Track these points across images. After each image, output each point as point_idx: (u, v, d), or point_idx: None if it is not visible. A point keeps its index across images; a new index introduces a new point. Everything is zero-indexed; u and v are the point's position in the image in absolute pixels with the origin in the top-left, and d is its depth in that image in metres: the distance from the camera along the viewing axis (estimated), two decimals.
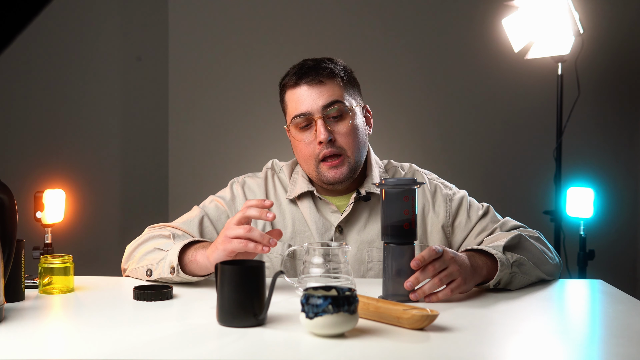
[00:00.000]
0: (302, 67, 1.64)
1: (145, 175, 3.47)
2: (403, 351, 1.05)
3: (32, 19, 0.78)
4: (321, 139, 1.59)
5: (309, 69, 1.62)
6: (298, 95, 1.62)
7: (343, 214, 1.66)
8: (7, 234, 1.24)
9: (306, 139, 1.62)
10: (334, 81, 1.62)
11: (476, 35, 3.29)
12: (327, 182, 1.63)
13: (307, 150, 1.62)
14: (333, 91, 1.61)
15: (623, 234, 3.33)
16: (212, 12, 3.40)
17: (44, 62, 3.40)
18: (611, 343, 1.13)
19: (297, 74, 1.63)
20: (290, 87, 1.64)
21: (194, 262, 1.44)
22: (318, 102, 1.60)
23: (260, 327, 1.16)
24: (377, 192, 1.65)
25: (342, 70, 1.65)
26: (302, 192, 1.67)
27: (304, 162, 1.65)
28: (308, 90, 1.61)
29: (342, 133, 1.61)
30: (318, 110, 1.60)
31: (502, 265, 1.39)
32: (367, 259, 1.65)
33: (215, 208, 1.70)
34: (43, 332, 1.17)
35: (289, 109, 1.65)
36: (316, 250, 1.37)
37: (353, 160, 1.62)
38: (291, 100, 1.64)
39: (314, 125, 1.61)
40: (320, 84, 1.61)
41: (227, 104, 3.39)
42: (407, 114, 3.33)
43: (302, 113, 1.61)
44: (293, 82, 1.63)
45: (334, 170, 1.61)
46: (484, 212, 1.68)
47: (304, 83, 1.61)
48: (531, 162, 3.33)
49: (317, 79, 1.61)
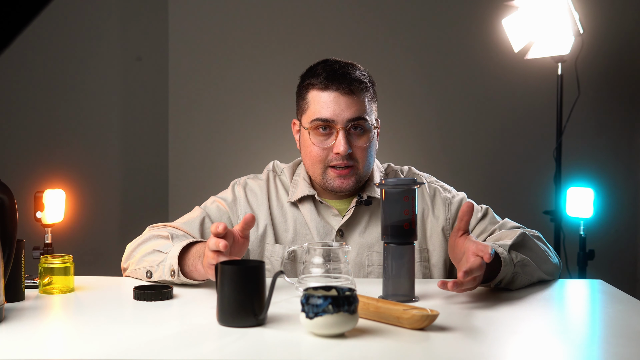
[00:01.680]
0: (334, 70, 1.60)
1: (145, 175, 3.46)
2: (403, 351, 1.05)
3: (32, 19, 0.78)
4: (340, 150, 1.57)
5: (342, 76, 1.59)
6: (325, 99, 1.59)
7: (344, 217, 1.65)
8: (7, 234, 1.24)
9: (322, 144, 1.61)
10: (363, 95, 1.60)
11: (476, 35, 3.29)
12: (332, 188, 1.63)
13: (319, 154, 1.61)
14: (360, 105, 1.59)
15: (623, 234, 3.33)
16: (212, 12, 3.40)
17: (44, 62, 3.40)
18: (611, 343, 1.13)
19: (329, 78, 1.59)
20: (317, 88, 1.60)
21: (194, 272, 1.43)
22: (345, 114, 1.58)
23: (260, 327, 1.16)
24: (378, 197, 1.64)
25: (370, 82, 1.63)
26: (303, 195, 1.67)
27: (311, 165, 1.64)
28: (337, 98, 1.58)
29: (360, 147, 1.60)
30: (343, 121, 1.58)
31: (505, 265, 1.38)
32: (367, 262, 1.65)
33: (216, 209, 1.70)
34: (43, 332, 1.17)
35: (310, 109, 1.62)
36: (316, 250, 1.37)
37: (362, 172, 1.62)
38: (316, 101, 1.61)
39: (334, 133, 1.59)
40: (350, 95, 1.58)
41: (227, 103, 3.39)
42: (407, 114, 3.33)
43: (326, 119, 1.59)
44: (323, 85, 1.59)
45: (342, 179, 1.61)
46: (483, 213, 1.68)
47: (334, 90, 1.58)
48: (531, 162, 3.33)
49: (348, 88, 1.58)
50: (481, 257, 1.30)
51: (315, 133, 1.61)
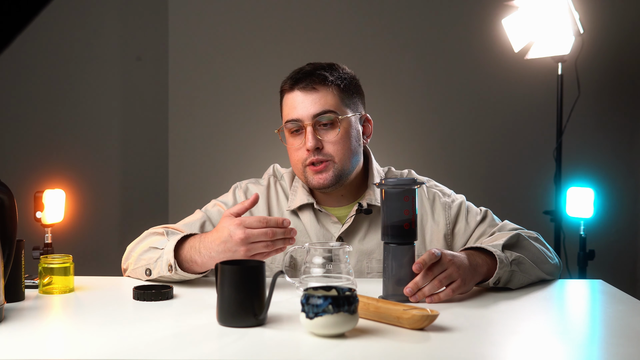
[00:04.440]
0: (299, 72, 1.64)
1: (145, 176, 3.46)
2: (403, 351, 1.05)
3: (32, 19, 0.78)
4: (308, 146, 1.59)
5: (305, 75, 1.62)
6: (292, 100, 1.62)
7: (344, 225, 1.65)
8: (7, 234, 1.24)
9: (296, 144, 1.63)
10: (328, 89, 1.61)
11: (476, 35, 3.29)
12: (313, 187, 1.64)
13: (296, 156, 1.63)
14: (326, 100, 1.60)
15: (623, 234, 3.33)
16: (212, 12, 3.40)
17: (44, 62, 3.40)
18: (611, 343, 1.13)
19: (293, 78, 1.63)
20: (286, 92, 1.64)
21: (193, 264, 1.44)
22: (309, 110, 1.60)
23: (260, 327, 1.16)
24: (378, 205, 1.64)
25: (339, 78, 1.63)
26: (302, 203, 1.67)
27: (294, 167, 1.66)
28: (301, 96, 1.61)
29: (331, 141, 1.60)
30: (309, 117, 1.60)
31: (501, 263, 1.39)
32: (366, 269, 1.65)
33: (217, 213, 1.70)
34: (43, 332, 1.17)
35: (284, 113, 1.66)
36: (317, 251, 1.37)
37: (340, 167, 1.61)
38: (286, 104, 1.65)
39: (304, 131, 1.61)
40: (314, 91, 1.60)
41: (227, 104, 3.39)
42: (407, 114, 3.33)
43: (294, 119, 1.61)
44: (288, 86, 1.63)
45: (319, 175, 1.61)
46: (483, 216, 1.68)
47: (298, 89, 1.61)
48: (531, 162, 3.32)
49: (310, 85, 1.61)
50: (432, 252, 1.32)
51: (290, 135, 1.64)
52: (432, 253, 1.33)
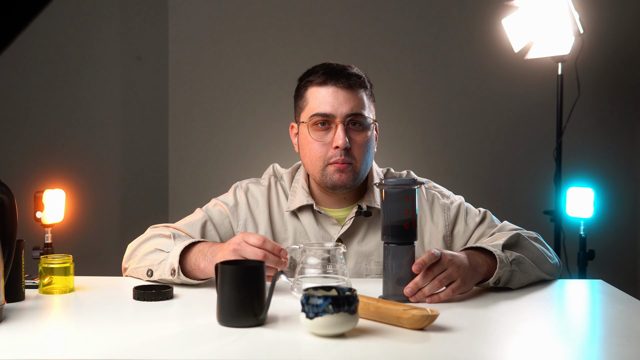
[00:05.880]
0: (332, 67, 1.61)
1: (145, 175, 3.46)
2: (403, 351, 1.05)
3: (32, 19, 0.78)
4: (339, 144, 1.56)
5: (340, 72, 1.60)
6: (324, 94, 1.59)
7: (343, 227, 1.65)
8: (7, 234, 1.24)
9: (322, 139, 1.60)
10: (361, 91, 1.61)
11: (476, 35, 3.29)
12: (331, 184, 1.61)
13: (319, 151, 1.60)
14: (359, 101, 1.59)
15: (623, 234, 3.33)
16: (212, 12, 3.40)
17: (44, 62, 3.40)
18: (611, 343, 1.13)
19: (327, 73, 1.60)
20: (316, 85, 1.61)
21: (197, 270, 1.44)
22: (343, 108, 1.58)
23: (260, 327, 1.16)
24: (377, 207, 1.64)
25: (368, 82, 1.64)
26: (301, 205, 1.67)
27: (311, 163, 1.63)
28: (335, 92, 1.58)
29: (358, 143, 1.59)
30: (342, 115, 1.58)
31: (501, 263, 1.40)
32: (365, 271, 1.64)
33: (218, 212, 1.69)
34: (43, 332, 1.17)
35: (309, 106, 1.62)
36: (312, 251, 1.37)
37: (359, 171, 1.61)
38: (314, 97, 1.61)
39: (332, 128, 1.59)
40: (348, 90, 1.59)
41: (227, 103, 3.40)
42: (406, 114, 3.33)
43: (325, 113, 1.58)
44: (321, 80, 1.60)
45: (340, 173, 1.59)
46: (482, 217, 1.68)
47: (333, 84, 1.59)
48: (531, 162, 3.33)
49: (347, 83, 1.58)
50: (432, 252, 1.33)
51: (315, 128, 1.60)
52: (432, 253, 1.33)
